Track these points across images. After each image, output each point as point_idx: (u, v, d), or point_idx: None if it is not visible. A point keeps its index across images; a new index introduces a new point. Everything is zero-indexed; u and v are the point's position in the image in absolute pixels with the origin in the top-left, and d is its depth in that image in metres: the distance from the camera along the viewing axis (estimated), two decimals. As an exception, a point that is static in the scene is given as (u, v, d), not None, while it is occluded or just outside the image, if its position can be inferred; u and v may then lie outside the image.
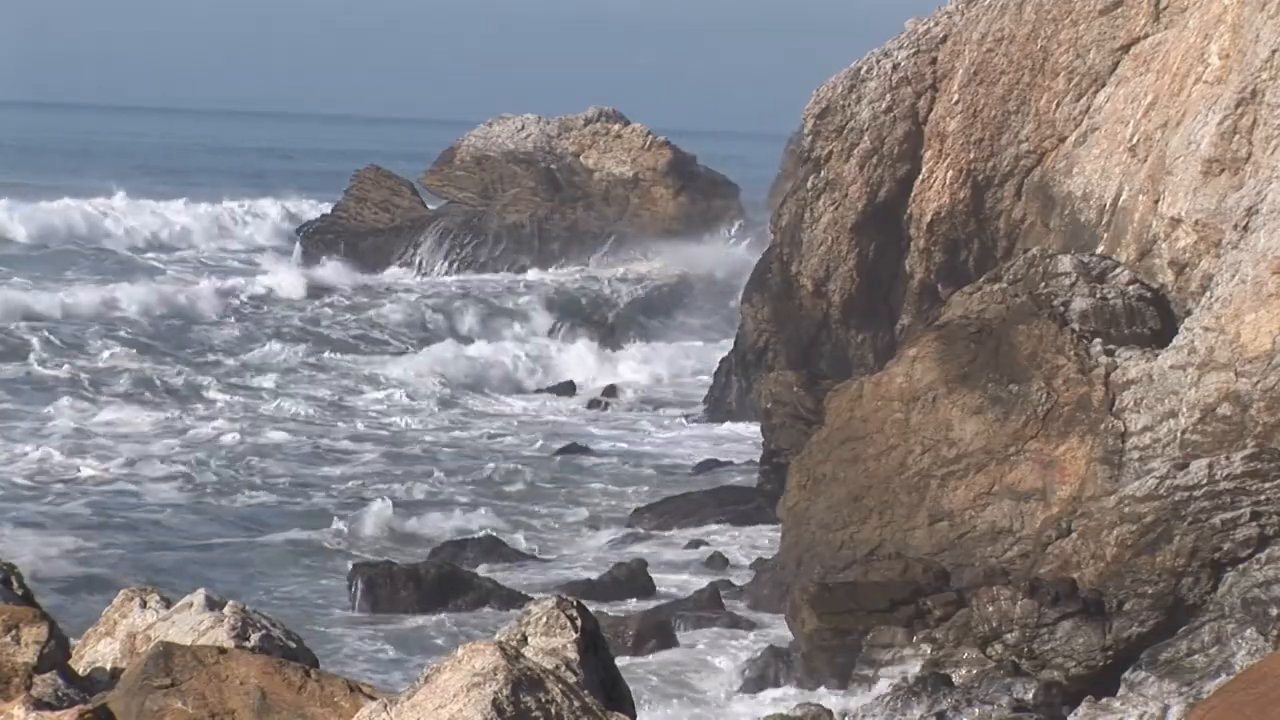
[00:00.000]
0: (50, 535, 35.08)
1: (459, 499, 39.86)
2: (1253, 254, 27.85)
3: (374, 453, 44.08)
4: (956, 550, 29.34)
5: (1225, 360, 27.25)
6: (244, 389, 51.64)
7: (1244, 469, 25.74)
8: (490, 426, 48.55)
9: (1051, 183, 39.88)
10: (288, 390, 51.53)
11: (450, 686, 8.17)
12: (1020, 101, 41.15)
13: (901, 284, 43.33)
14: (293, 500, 38.97)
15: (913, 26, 44.69)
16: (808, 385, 42.45)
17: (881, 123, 43.53)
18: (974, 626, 25.82)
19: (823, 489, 31.81)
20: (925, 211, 42.54)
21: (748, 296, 47.70)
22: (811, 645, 26.87)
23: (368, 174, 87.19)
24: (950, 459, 30.23)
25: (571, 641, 9.51)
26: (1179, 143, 32.40)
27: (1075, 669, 25.20)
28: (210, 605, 10.43)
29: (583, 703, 8.27)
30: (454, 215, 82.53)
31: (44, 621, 9.84)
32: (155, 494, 38.93)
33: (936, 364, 31.12)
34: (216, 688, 9.01)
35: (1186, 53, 35.08)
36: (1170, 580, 25.53)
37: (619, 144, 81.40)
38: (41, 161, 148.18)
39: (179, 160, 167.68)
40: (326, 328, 62.74)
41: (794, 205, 44.91)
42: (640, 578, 32.72)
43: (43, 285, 65.98)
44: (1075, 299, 31.35)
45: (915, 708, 24.43)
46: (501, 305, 66.85)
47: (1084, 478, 28.44)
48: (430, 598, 30.83)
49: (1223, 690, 10.24)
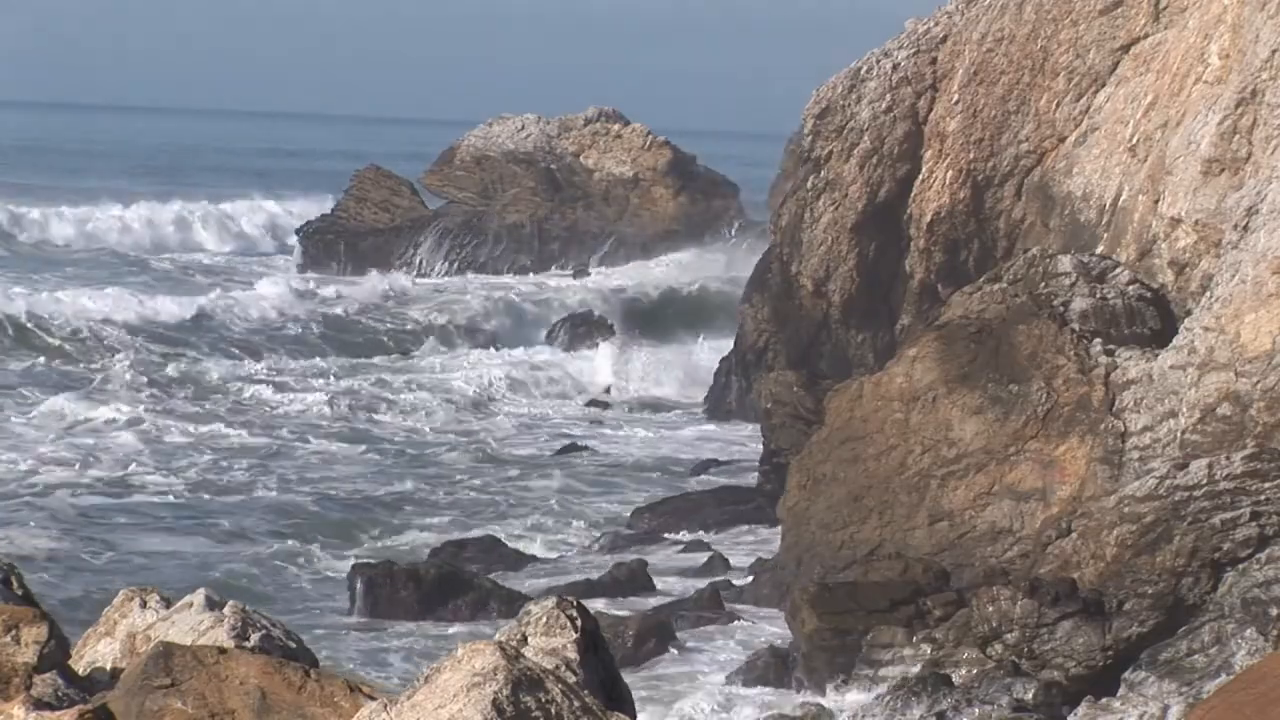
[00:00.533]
0: (54, 532, 35.15)
1: (459, 499, 39.89)
2: (1253, 254, 27.85)
3: (377, 454, 44.08)
4: (956, 550, 29.34)
5: (1225, 360, 27.25)
6: (267, 387, 51.60)
7: (1244, 469, 25.74)
8: (490, 427, 48.53)
9: (1051, 183, 39.89)
10: (300, 390, 51.38)
11: (450, 686, 8.18)
12: (1020, 101, 41.16)
13: (901, 284, 43.33)
14: (292, 499, 38.97)
15: (913, 26, 44.70)
16: (808, 385, 42.45)
17: (881, 123, 43.54)
18: (974, 626, 25.82)
19: (823, 489, 31.82)
20: (925, 211, 42.55)
21: (748, 296, 47.70)
22: (811, 645, 26.86)
23: (368, 174, 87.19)
24: (950, 459, 30.24)
25: (571, 641, 9.51)
26: (1179, 143, 32.40)
27: (1075, 669, 25.20)
28: (210, 605, 10.43)
29: (583, 703, 8.27)
30: (454, 215, 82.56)
31: (44, 621, 9.85)
32: (161, 492, 38.97)
33: (936, 364, 31.13)
34: (216, 688, 9.01)
35: (1186, 53, 35.08)
36: (1170, 580, 25.53)
37: (619, 144, 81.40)
38: (41, 162, 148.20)
39: (178, 160, 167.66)
40: (339, 329, 62.40)
41: (794, 205, 44.91)
42: (640, 578, 32.72)
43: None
44: (1075, 299, 31.35)
45: (915, 708, 24.43)
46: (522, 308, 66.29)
47: (1084, 478, 28.45)
48: (430, 598, 30.82)
49: (1223, 690, 10.25)
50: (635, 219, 79.93)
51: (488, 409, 51.53)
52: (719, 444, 46.73)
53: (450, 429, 48.00)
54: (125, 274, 74.58)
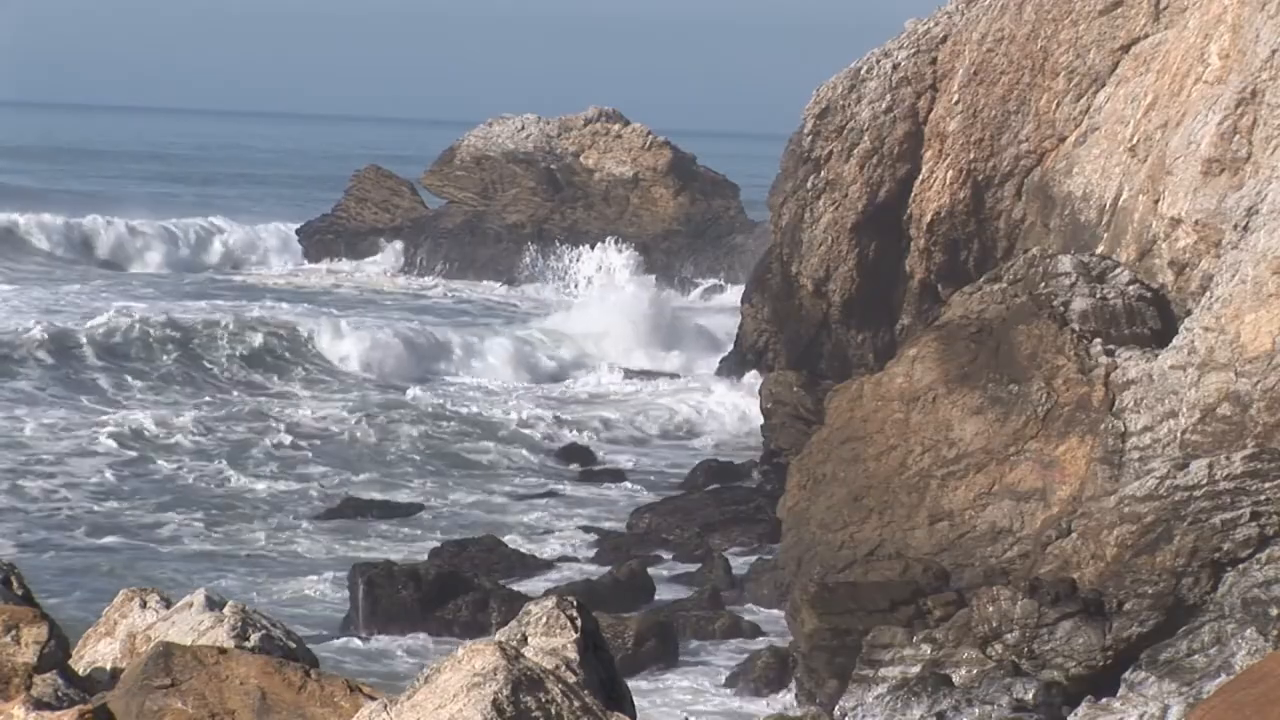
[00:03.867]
0: (55, 531, 35.20)
1: (459, 499, 39.91)
2: (1253, 254, 27.84)
3: (377, 455, 44.07)
4: (956, 550, 29.34)
5: (1225, 360, 27.25)
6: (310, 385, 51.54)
7: (1244, 469, 25.73)
8: (491, 428, 48.50)
9: (1051, 183, 39.89)
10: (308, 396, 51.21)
11: (450, 686, 8.18)
12: (1020, 101, 41.17)
13: (901, 284, 43.34)
14: (293, 500, 39.00)
15: (913, 26, 44.70)
16: (808, 385, 42.47)
17: (881, 123, 43.55)
18: (974, 626, 25.81)
19: (823, 489, 31.81)
20: (925, 211, 42.55)
21: (748, 296, 47.71)
22: (811, 645, 26.86)
23: (368, 174, 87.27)
24: (950, 459, 30.24)
25: (571, 641, 9.51)
26: (1179, 143, 32.40)
27: (1075, 669, 25.19)
28: (210, 605, 10.43)
29: (583, 703, 8.27)
30: (454, 215, 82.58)
31: (44, 621, 9.84)
32: (161, 492, 39.02)
33: (936, 364, 31.13)
34: (216, 688, 9.01)
35: (1186, 53, 35.08)
36: (1170, 580, 25.52)
37: (619, 144, 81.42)
38: (40, 163, 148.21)
39: (180, 160, 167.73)
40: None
41: (794, 205, 44.91)
42: (640, 578, 32.70)
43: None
44: (1075, 299, 31.35)
45: (915, 708, 24.41)
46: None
47: (1084, 478, 28.44)
48: (430, 598, 30.81)
49: (1223, 690, 10.24)
50: (635, 219, 79.95)
51: (490, 411, 51.36)
52: (719, 444, 46.77)
53: (451, 429, 47.87)
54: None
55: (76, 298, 66.13)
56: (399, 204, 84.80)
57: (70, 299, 65.39)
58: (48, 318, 56.07)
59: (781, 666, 27.61)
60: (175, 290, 71.73)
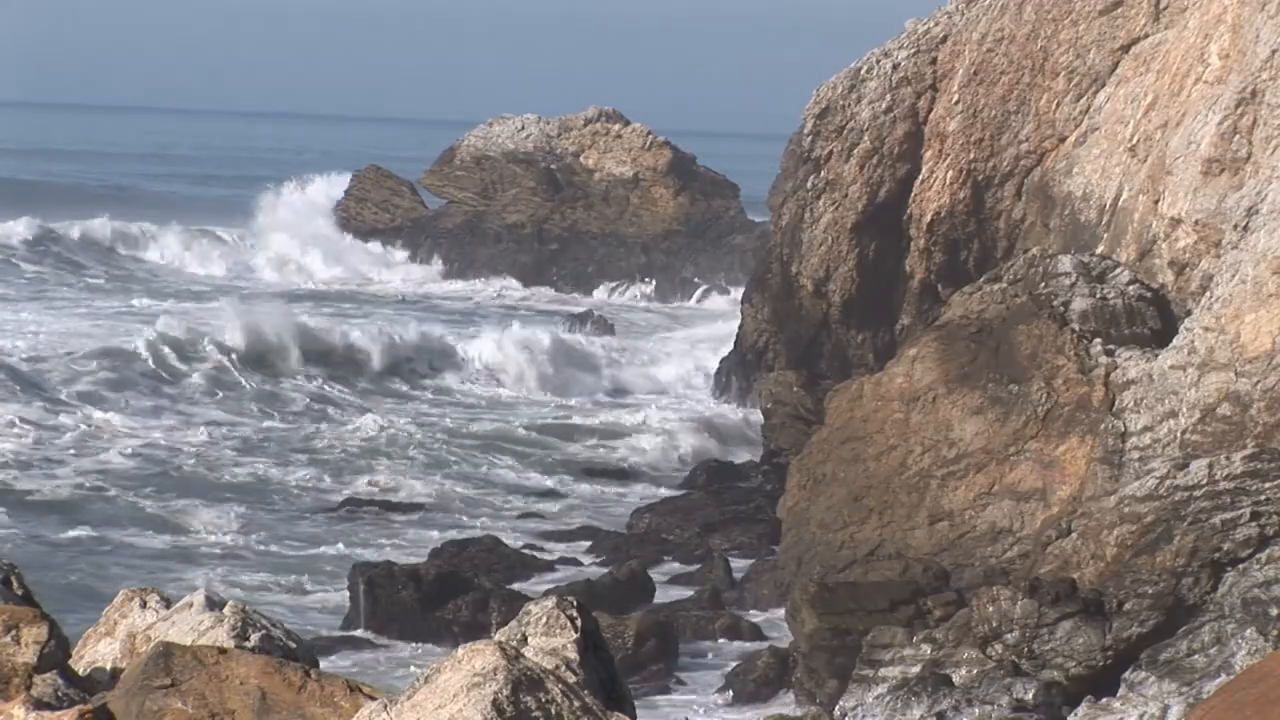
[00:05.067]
0: (64, 528, 35.24)
1: (459, 500, 39.90)
2: (1253, 254, 27.84)
3: (378, 456, 44.06)
4: (956, 550, 29.33)
5: (1225, 360, 27.24)
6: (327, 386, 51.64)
7: (1244, 469, 25.73)
8: (490, 428, 48.49)
9: (1051, 183, 39.89)
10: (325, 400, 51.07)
11: (450, 686, 8.18)
12: (1020, 101, 41.16)
13: (901, 284, 43.33)
14: (293, 499, 38.99)
15: (913, 26, 44.70)
16: (808, 385, 42.46)
17: (881, 123, 43.54)
18: (974, 626, 25.80)
19: (823, 489, 31.81)
20: (925, 211, 42.55)
21: (748, 296, 47.70)
22: (811, 645, 26.86)
23: (368, 174, 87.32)
24: (950, 459, 30.23)
25: (571, 641, 9.51)
26: (1179, 143, 32.40)
27: (1075, 669, 25.18)
28: (210, 605, 10.42)
29: (583, 703, 8.27)
30: (454, 215, 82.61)
31: (44, 621, 9.84)
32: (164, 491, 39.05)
33: (936, 364, 31.13)
34: (216, 688, 9.01)
35: (1186, 53, 35.08)
36: (1170, 580, 25.52)
37: (619, 144, 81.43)
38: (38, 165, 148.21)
39: (178, 161, 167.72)
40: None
41: (794, 205, 44.91)
42: (640, 578, 32.68)
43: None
44: (1075, 299, 31.35)
45: (915, 708, 24.40)
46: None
47: (1084, 478, 28.44)
48: (430, 598, 30.80)
49: (1224, 689, 10.25)
50: (635, 219, 79.97)
51: (487, 411, 51.43)
52: (719, 444, 46.72)
53: (453, 429, 47.85)
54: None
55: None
56: (399, 204, 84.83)
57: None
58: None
59: (781, 667, 27.59)
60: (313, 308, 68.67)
